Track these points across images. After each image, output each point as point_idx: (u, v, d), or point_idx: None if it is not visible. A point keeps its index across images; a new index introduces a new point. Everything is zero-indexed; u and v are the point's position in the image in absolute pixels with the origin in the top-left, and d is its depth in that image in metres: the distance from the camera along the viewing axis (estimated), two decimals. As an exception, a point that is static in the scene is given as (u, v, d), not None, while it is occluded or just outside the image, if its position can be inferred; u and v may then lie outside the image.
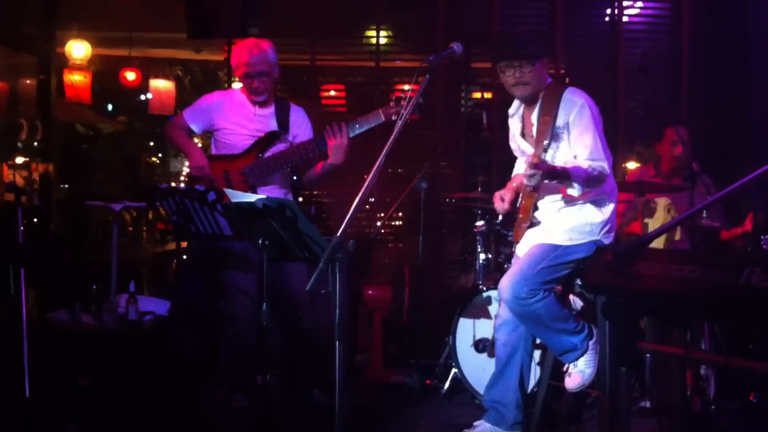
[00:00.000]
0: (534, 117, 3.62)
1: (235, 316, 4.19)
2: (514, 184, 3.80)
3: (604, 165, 3.45)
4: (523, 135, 3.74)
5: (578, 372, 3.63)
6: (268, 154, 4.16)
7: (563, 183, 3.45)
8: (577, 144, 3.48)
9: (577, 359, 3.62)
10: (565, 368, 3.71)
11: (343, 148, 4.05)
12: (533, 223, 3.68)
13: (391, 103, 4.05)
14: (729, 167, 5.13)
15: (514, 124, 3.79)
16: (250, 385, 4.18)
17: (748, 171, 2.42)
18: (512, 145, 3.90)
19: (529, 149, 3.65)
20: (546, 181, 3.46)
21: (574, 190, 3.45)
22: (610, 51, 6.10)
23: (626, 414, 2.92)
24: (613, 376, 2.80)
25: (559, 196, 3.60)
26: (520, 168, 3.90)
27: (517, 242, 3.78)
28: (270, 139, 4.19)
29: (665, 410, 3.99)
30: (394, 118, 4.00)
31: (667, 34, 6.19)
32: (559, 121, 3.51)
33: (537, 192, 3.60)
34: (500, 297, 3.63)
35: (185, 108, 4.38)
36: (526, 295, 3.47)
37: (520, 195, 3.75)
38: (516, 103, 3.76)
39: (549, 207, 3.65)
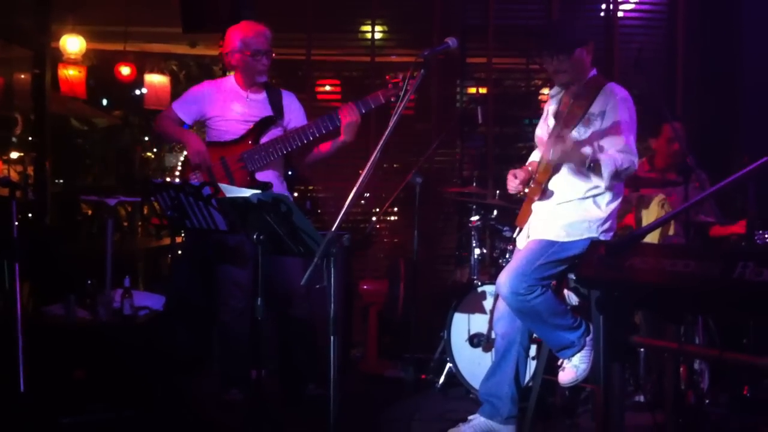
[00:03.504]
0: (570, 100, 3.63)
1: (229, 308, 4.19)
2: (530, 168, 3.80)
3: (634, 160, 3.42)
4: (556, 117, 3.73)
5: (572, 367, 3.64)
6: (264, 139, 4.16)
7: (591, 169, 3.41)
8: (611, 133, 3.46)
9: (574, 355, 3.63)
10: (559, 363, 3.72)
11: (356, 126, 4.09)
12: (543, 197, 3.65)
13: (390, 86, 4.10)
14: (722, 160, 5.15)
15: (551, 105, 3.78)
16: (245, 378, 4.19)
17: (741, 164, 2.43)
18: (539, 130, 3.85)
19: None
20: (568, 165, 3.48)
21: (600, 180, 3.43)
22: (605, 45, 6.11)
23: (620, 408, 2.93)
24: (607, 370, 2.81)
25: (566, 187, 3.60)
26: (537, 156, 3.89)
27: (520, 227, 3.77)
28: (265, 124, 4.19)
29: (659, 404, 4.00)
30: (392, 100, 4.05)
31: (662, 29, 6.19)
32: (595, 108, 3.52)
33: (553, 170, 3.60)
34: (498, 293, 3.63)
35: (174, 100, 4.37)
36: (524, 291, 3.47)
37: (533, 176, 3.74)
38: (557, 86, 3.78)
39: (549, 200, 3.65)
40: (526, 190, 3.73)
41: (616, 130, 3.46)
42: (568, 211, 3.59)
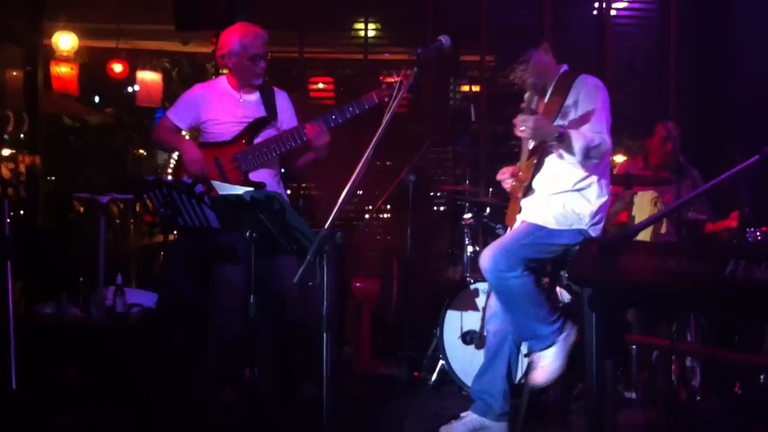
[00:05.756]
0: (546, 99, 3.69)
1: (223, 308, 4.18)
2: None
3: (605, 137, 3.46)
4: None
5: (545, 366, 3.57)
6: (258, 140, 4.16)
7: (561, 146, 3.44)
8: (583, 117, 3.52)
9: (541, 350, 3.57)
10: (532, 362, 3.64)
11: (324, 146, 4.10)
12: (528, 194, 3.68)
13: (384, 86, 4.12)
14: (715, 159, 5.16)
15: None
16: (238, 378, 4.19)
17: (734, 163, 2.44)
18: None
19: None
20: (551, 159, 3.49)
21: (572, 158, 3.45)
22: (598, 44, 6.13)
23: (612, 405, 2.94)
24: (600, 368, 2.82)
25: (553, 180, 3.61)
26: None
27: (510, 227, 3.79)
28: (259, 124, 4.18)
29: (651, 401, 4.02)
30: (386, 100, 4.05)
31: (655, 28, 6.21)
32: (569, 100, 3.58)
33: (535, 167, 3.61)
34: (480, 266, 3.61)
35: (168, 108, 4.35)
36: (504, 267, 3.46)
37: (517, 174, 3.76)
38: None
39: (539, 193, 3.67)
40: (513, 183, 3.75)
41: (588, 112, 3.51)
42: (558, 202, 3.61)
